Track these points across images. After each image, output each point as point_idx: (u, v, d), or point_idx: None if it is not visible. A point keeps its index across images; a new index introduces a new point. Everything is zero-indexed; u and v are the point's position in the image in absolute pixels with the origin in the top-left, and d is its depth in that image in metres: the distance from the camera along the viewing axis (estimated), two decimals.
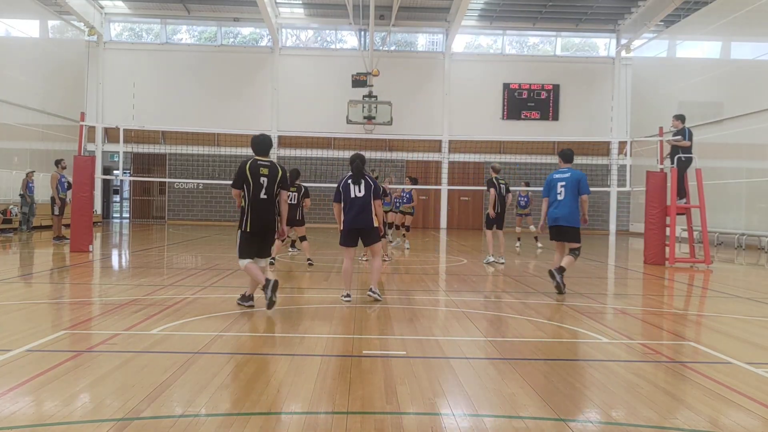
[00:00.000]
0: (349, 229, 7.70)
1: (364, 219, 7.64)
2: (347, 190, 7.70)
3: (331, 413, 3.75)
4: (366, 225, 7.65)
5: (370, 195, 7.66)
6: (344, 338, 5.78)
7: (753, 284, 11.46)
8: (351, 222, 7.66)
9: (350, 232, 7.73)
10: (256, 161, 6.90)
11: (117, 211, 31.48)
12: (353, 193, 7.66)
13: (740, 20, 20.62)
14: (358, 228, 7.68)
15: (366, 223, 7.65)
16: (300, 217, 11.54)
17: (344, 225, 7.73)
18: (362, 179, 7.72)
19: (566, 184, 8.71)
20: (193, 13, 28.51)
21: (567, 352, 5.61)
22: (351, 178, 7.75)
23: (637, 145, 22.72)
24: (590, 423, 3.73)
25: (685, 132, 13.08)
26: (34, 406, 3.79)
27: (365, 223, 7.64)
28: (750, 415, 3.89)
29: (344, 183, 7.76)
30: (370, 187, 7.69)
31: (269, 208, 6.91)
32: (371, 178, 7.88)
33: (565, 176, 8.79)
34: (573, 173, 8.78)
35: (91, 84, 27.74)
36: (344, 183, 7.76)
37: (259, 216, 6.85)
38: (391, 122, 24.91)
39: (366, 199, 7.64)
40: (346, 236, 7.76)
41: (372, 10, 22.79)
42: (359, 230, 7.71)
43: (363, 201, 7.64)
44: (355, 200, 7.64)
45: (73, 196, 13.83)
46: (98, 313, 6.89)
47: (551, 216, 8.83)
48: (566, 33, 29.75)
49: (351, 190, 7.68)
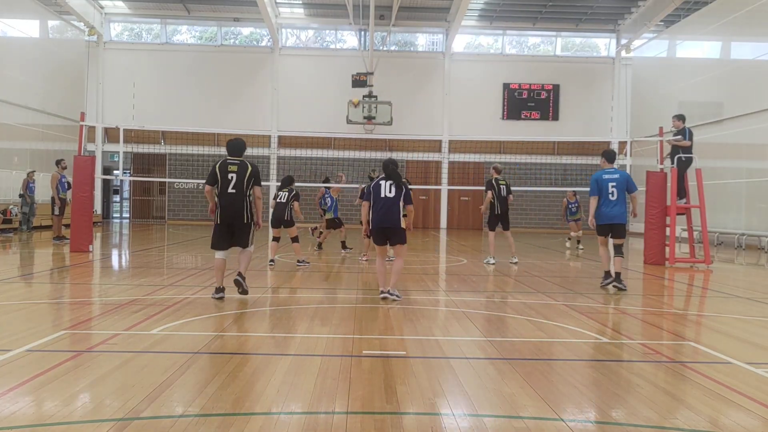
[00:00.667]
0: (377, 228, 7.89)
1: (391, 218, 7.79)
2: (377, 189, 7.87)
3: (331, 413, 3.75)
4: (393, 224, 7.80)
5: (401, 197, 7.83)
6: (344, 338, 5.78)
7: (753, 284, 11.46)
8: (379, 221, 7.84)
9: (378, 231, 7.92)
10: (225, 160, 7.63)
11: (117, 211, 31.49)
12: (383, 193, 7.82)
13: (740, 20, 20.62)
14: (385, 227, 7.85)
15: (393, 222, 7.80)
16: (288, 218, 11.51)
17: (372, 224, 7.92)
18: (395, 182, 7.88)
19: (617, 185, 9.28)
20: (193, 13, 28.52)
21: (567, 352, 5.61)
22: (383, 179, 7.91)
23: (637, 145, 22.73)
24: (590, 423, 3.73)
25: (686, 132, 13.07)
26: (34, 406, 3.79)
27: (392, 221, 7.79)
28: (750, 415, 3.89)
29: (375, 183, 7.97)
30: (401, 190, 7.85)
31: (237, 203, 7.52)
32: (405, 185, 8.04)
33: (614, 177, 9.35)
34: (621, 174, 9.45)
35: (91, 84, 27.74)
36: (375, 183, 7.97)
37: (226, 209, 7.52)
38: (391, 122, 24.91)
39: (395, 200, 7.81)
40: (376, 235, 7.99)
41: (372, 10, 22.79)
42: (386, 229, 7.86)
43: (392, 201, 7.80)
44: (385, 200, 7.81)
45: (73, 196, 13.83)
46: (98, 313, 6.89)
47: (607, 215, 9.30)
48: (566, 33, 29.75)
49: (382, 189, 7.84)
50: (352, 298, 8.08)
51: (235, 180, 7.50)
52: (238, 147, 7.71)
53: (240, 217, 7.56)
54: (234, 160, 7.61)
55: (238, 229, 7.62)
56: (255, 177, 7.62)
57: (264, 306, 7.53)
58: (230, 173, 7.52)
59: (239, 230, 7.62)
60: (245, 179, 7.53)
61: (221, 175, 7.51)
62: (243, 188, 7.52)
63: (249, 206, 7.63)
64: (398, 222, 7.81)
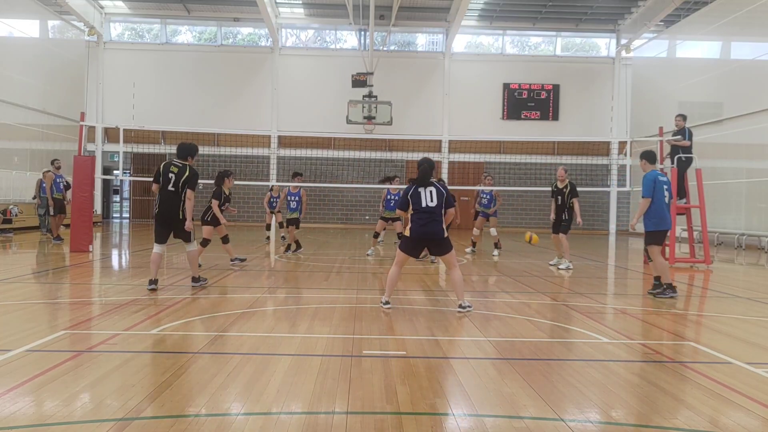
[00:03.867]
0: (419, 240, 7.35)
1: (435, 229, 7.21)
2: (417, 198, 7.24)
3: (331, 413, 3.75)
4: (437, 236, 7.23)
5: (443, 204, 7.25)
6: (344, 338, 5.78)
7: (753, 284, 11.46)
8: (422, 232, 7.24)
9: (419, 242, 7.41)
10: (170, 162, 8.44)
11: (117, 211, 31.48)
12: (425, 202, 7.20)
13: (740, 20, 20.61)
14: (428, 239, 7.33)
15: (437, 234, 7.22)
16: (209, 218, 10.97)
17: (412, 233, 7.29)
18: (432, 186, 7.29)
19: (668, 188, 8.85)
20: (193, 13, 28.51)
21: (567, 352, 5.61)
22: (418, 185, 7.30)
23: (637, 145, 22.68)
24: (590, 423, 3.73)
25: (686, 132, 13.07)
26: (34, 406, 3.79)
27: (436, 234, 7.22)
28: (750, 415, 3.89)
29: (414, 191, 7.30)
30: (442, 195, 7.27)
31: (174, 200, 8.29)
32: (442, 185, 7.66)
33: (666, 180, 8.91)
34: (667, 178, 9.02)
35: (91, 84, 27.72)
36: (414, 191, 7.30)
37: (164, 204, 8.32)
38: (391, 122, 24.89)
39: (438, 209, 7.21)
40: (413, 245, 7.43)
41: (372, 10, 22.78)
42: (430, 241, 7.36)
43: (435, 210, 7.21)
44: (427, 209, 7.20)
45: (73, 196, 13.82)
46: (98, 313, 6.89)
47: (665, 219, 8.75)
48: (566, 33, 29.73)
49: (422, 198, 7.22)
50: (352, 298, 8.08)
51: (174, 180, 8.29)
52: (184, 150, 8.48)
53: (177, 215, 8.33)
54: (177, 163, 8.39)
55: (176, 226, 8.39)
56: (189, 181, 8.33)
57: (264, 306, 7.54)
58: (170, 173, 8.31)
59: (177, 227, 8.41)
60: (182, 181, 8.29)
61: (163, 175, 8.31)
62: (179, 188, 8.29)
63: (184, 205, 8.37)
64: (442, 232, 7.22)
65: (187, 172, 8.32)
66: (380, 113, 24.74)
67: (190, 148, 8.52)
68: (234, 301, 7.48)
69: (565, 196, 12.39)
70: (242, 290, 8.67)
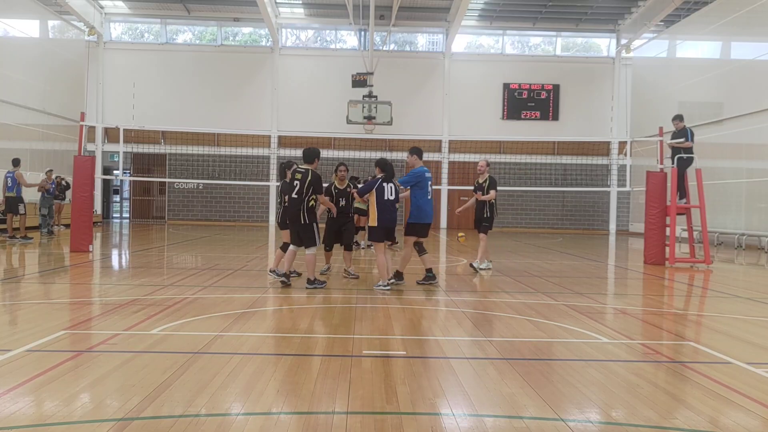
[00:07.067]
0: (386, 227, 8.84)
1: (395, 217, 8.97)
2: (382, 191, 8.70)
3: (331, 413, 3.75)
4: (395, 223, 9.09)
5: (397, 198, 8.90)
6: (344, 338, 5.78)
7: (753, 284, 11.46)
8: (389, 221, 8.83)
9: (388, 230, 8.95)
10: (295, 169, 8.82)
11: (117, 211, 31.47)
12: (386, 195, 8.70)
13: (740, 20, 20.62)
14: (393, 227, 9.08)
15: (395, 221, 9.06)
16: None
17: (381, 223, 8.73)
18: (392, 183, 8.81)
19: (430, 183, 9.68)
20: (193, 13, 28.51)
21: (567, 352, 5.61)
22: (384, 181, 8.75)
23: (637, 145, 22.70)
24: (590, 423, 3.73)
25: (687, 132, 13.04)
26: (34, 406, 3.79)
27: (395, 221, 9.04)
28: (750, 415, 3.89)
29: (378, 185, 8.73)
30: (398, 191, 8.90)
31: (297, 206, 8.52)
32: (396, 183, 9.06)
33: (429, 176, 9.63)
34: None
35: (91, 84, 27.72)
36: (378, 185, 8.73)
37: (287, 211, 8.89)
38: (391, 122, 24.90)
39: (395, 201, 8.87)
40: (384, 233, 8.87)
41: (372, 10, 22.78)
42: (393, 228, 9.14)
43: (394, 202, 8.83)
44: (389, 201, 8.74)
45: (73, 196, 13.83)
46: (98, 313, 6.89)
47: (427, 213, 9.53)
48: (566, 33, 29.74)
49: (385, 192, 8.70)
50: (352, 298, 8.08)
51: (298, 187, 8.48)
52: (310, 154, 8.66)
53: (298, 218, 8.56)
54: (301, 168, 8.64)
55: (299, 229, 8.69)
56: (314, 185, 8.51)
57: (264, 306, 7.54)
58: (295, 180, 8.54)
59: (299, 230, 8.72)
60: (305, 187, 8.49)
61: (290, 183, 8.64)
62: (302, 194, 8.47)
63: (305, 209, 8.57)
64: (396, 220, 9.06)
65: (310, 177, 8.48)
66: (380, 113, 24.75)
67: (316, 152, 8.75)
68: (234, 301, 7.48)
69: (485, 191, 11.41)
70: (242, 290, 8.68)
